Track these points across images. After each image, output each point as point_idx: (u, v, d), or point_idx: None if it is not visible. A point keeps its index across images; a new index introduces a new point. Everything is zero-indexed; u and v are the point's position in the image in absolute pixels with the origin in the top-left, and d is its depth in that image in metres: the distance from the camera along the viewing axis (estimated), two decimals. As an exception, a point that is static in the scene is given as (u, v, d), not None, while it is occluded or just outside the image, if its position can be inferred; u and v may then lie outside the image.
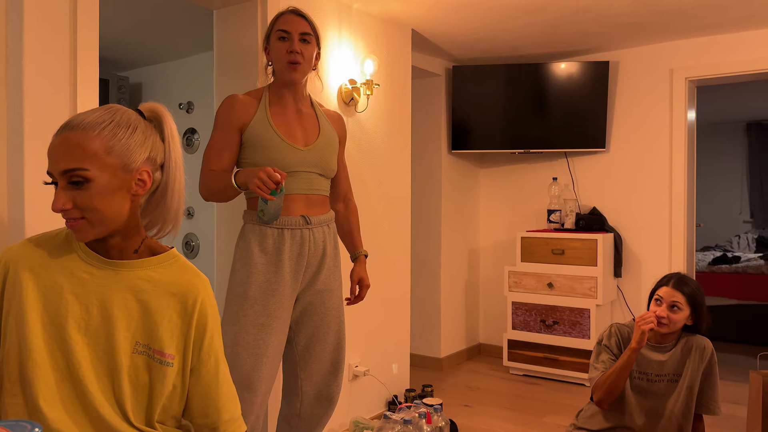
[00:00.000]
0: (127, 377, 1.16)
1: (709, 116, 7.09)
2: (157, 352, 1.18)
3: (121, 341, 1.16)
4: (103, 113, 1.13)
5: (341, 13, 3.00)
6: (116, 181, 1.12)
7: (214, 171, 1.93)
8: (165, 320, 1.19)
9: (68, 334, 1.14)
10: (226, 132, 1.96)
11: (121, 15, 3.25)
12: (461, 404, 3.52)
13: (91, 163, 1.09)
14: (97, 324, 1.16)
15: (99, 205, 1.11)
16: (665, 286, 2.07)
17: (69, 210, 1.10)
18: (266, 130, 1.96)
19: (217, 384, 1.25)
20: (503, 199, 4.57)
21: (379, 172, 3.26)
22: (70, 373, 1.13)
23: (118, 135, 1.12)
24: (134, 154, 1.14)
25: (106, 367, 1.16)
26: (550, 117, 4.08)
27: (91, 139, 1.10)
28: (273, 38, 2.00)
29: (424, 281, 4.30)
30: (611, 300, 3.97)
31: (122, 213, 1.15)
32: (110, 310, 1.16)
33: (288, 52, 1.96)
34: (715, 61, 3.72)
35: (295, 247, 1.97)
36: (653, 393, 2.09)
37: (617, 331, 2.15)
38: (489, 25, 3.46)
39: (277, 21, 2.00)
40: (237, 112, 1.97)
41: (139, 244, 1.21)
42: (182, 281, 1.22)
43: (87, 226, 1.12)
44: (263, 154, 1.94)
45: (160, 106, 1.23)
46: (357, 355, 3.13)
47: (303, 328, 2.07)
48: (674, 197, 3.86)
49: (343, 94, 3.00)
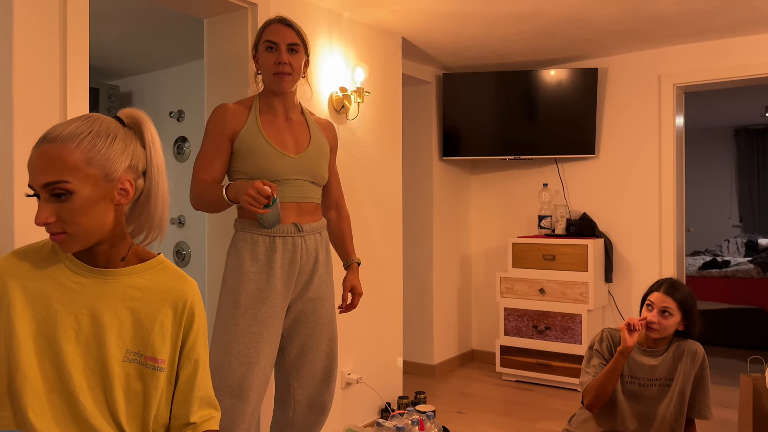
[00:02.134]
0: (120, 386, 1.16)
1: (697, 122, 7.16)
2: (150, 358, 1.17)
3: (112, 350, 1.16)
4: (81, 124, 1.12)
5: (332, 21, 3.01)
6: (98, 191, 1.12)
7: (206, 182, 1.93)
8: (156, 326, 1.19)
9: (58, 345, 1.13)
10: (217, 141, 1.96)
11: (112, 24, 3.25)
12: (454, 411, 3.52)
13: (72, 175, 1.09)
14: (87, 333, 1.15)
15: (81, 218, 1.11)
16: (656, 292, 2.08)
17: (52, 224, 1.10)
18: (256, 138, 1.96)
19: (192, 387, 1.23)
20: (494, 206, 4.58)
21: (370, 180, 3.27)
22: (61, 385, 1.13)
23: (98, 145, 1.12)
24: (115, 163, 1.13)
25: (98, 377, 1.15)
26: (540, 123, 4.11)
27: (70, 151, 1.09)
28: (261, 48, 1.99)
29: (416, 288, 4.31)
30: (602, 305, 3.99)
31: (106, 223, 1.15)
32: (100, 319, 1.16)
33: (275, 63, 1.96)
34: (703, 67, 3.76)
35: (287, 255, 1.97)
36: (645, 397, 2.10)
37: (608, 336, 2.16)
38: (478, 33, 3.49)
39: (265, 31, 2.00)
40: (227, 121, 1.97)
41: (126, 251, 1.21)
42: (172, 287, 1.23)
43: (69, 239, 1.12)
44: (254, 162, 1.94)
45: (140, 112, 1.21)
46: (350, 362, 3.12)
47: (295, 337, 2.07)
48: (664, 202, 3.89)
49: (334, 102, 3.01)
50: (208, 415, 1.25)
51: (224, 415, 1.90)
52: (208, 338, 1.44)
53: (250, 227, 1.96)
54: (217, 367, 1.92)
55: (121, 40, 3.52)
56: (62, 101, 1.95)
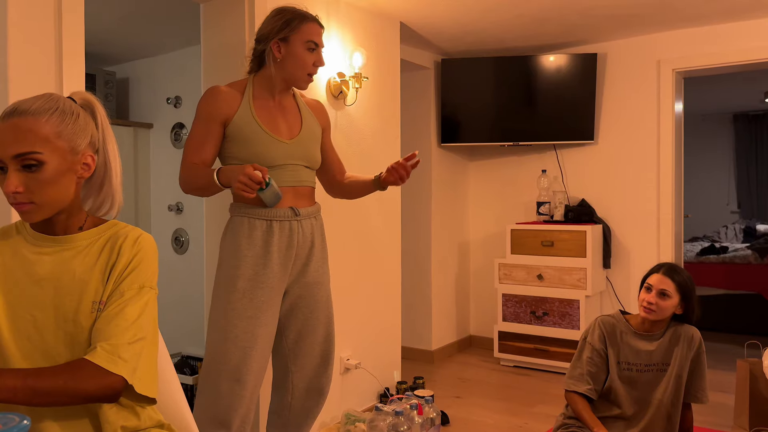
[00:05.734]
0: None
1: (696, 107, 7.14)
2: (101, 303, 1.19)
3: (82, 306, 1.18)
4: (47, 101, 1.18)
5: (329, 5, 2.99)
6: (65, 164, 1.18)
7: (196, 164, 1.91)
8: (98, 272, 1.21)
9: (29, 312, 1.18)
10: (209, 124, 1.93)
11: (108, 9, 3.22)
12: (452, 396, 3.54)
13: (43, 147, 1.14)
14: (53, 297, 1.19)
15: (49, 188, 1.16)
16: (656, 274, 2.08)
17: (21, 193, 1.14)
18: (250, 124, 1.94)
19: (119, 316, 1.15)
20: (493, 192, 4.58)
21: (368, 166, 3.26)
22: (33, 348, 1.17)
23: (66, 120, 1.18)
24: (79, 138, 1.20)
25: (69, 337, 1.17)
26: (538, 109, 4.09)
27: (41, 125, 1.14)
28: (298, 43, 1.96)
29: (414, 274, 4.31)
30: (600, 291, 4.00)
31: (68, 195, 1.20)
32: (62, 281, 1.19)
33: (313, 65, 1.98)
34: (702, 53, 3.74)
35: (283, 239, 1.96)
36: (642, 383, 2.11)
37: (600, 323, 2.15)
38: (477, 18, 3.47)
39: (306, 28, 1.97)
40: (220, 104, 1.94)
41: (83, 221, 1.26)
42: (119, 233, 1.25)
43: (35, 208, 1.17)
44: (248, 148, 1.93)
45: (90, 94, 1.28)
46: (348, 348, 3.13)
47: (293, 322, 2.07)
48: (662, 188, 3.88)
49: (332, 88, 2.99)
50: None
51: (222, 399, 1.91)
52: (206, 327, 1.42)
53: (247, 211, 1.95)
54: (214, 351, 1.92)
55: (118, 24, 3.49)
56: (58, 87, 1.94)
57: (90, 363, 1.08)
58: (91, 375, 1.06)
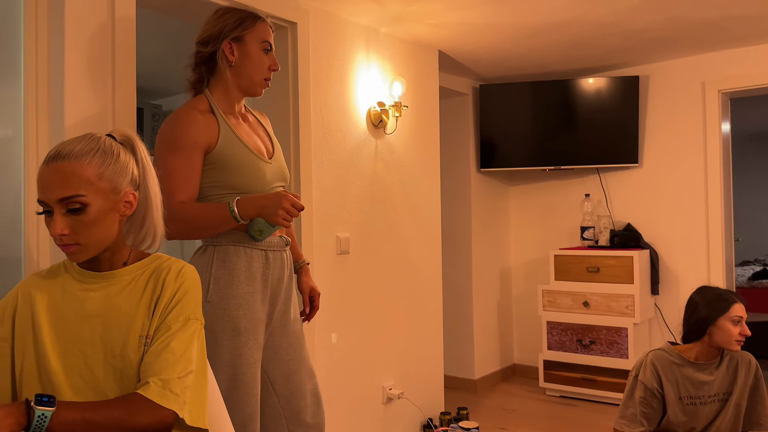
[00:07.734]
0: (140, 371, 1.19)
1: (746, 128, 6.95)
2: (149, 337, 1.21)
3: (130, 340, 1.20)
4: (88, 142, 1.21)
5: (369, 37, 3.03)
6: (108, 204, 1.20)
7: (184, 203, 1.64)
8: (143, 307, 1.23)
9: (78, 348, 1.20)
10: (192, 154, 1.65)
11: (153, 44, 3.34)
12: (498, 427, 3.46)
13: (87, 189, 1.17)
14: (101, 333, 1.21)
15: (93, 229, 1.19)
16: (738, 304, 1.97)
17: (67, 235, 1.17)
18: (237, 147, 1.71)
19: (167, 350, 1.16)
20: (534, 217, 4.52)
21: (408, 193, 3.27)
22: (84, 384, 1.19)
23: (106, 161, 1.20)
24: (120, 177, 1.22)
25: (118, 372, 1.19)
26: (579, 133, 4.05)
27: (84, 167, 1.17)
28: (253, 42, 1.75)
29: (455, 301, 4.27)
30: (649, 318, 3.88)
31: (112, 233, 1.23)
32: (109, 317, 1.21)
33: (270, 68, 1.78)
34: (747, 73, 3.65)
35: (276, 271, 1.77)
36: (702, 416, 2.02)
37: (653, 361, 2.03)
38: (514, 44, 3.46)
39: (261, 26, 1.78)
40: (202, 129, 1.67)
41: (127, 256, 1.29)
42: (162, 266, 1.28)
43: (81, 249, 1.20)
44: (239, 174, 1.70)
45: (131, 131, 1.31)
46: (390, 377, 3.10)
47: (277, 365, 1.81)
48: (711, 211, 3.77)
49: (372, 117, 3.02)
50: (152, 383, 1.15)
51: None
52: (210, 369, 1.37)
53: (241, 240, 1.71)
54: (225, 399, 1.70)
55: (163, 60, 3.61)
56: (111, 121, 2.00)
57: (143, 398, 1.10)
58: (144, 409, 1.09)
